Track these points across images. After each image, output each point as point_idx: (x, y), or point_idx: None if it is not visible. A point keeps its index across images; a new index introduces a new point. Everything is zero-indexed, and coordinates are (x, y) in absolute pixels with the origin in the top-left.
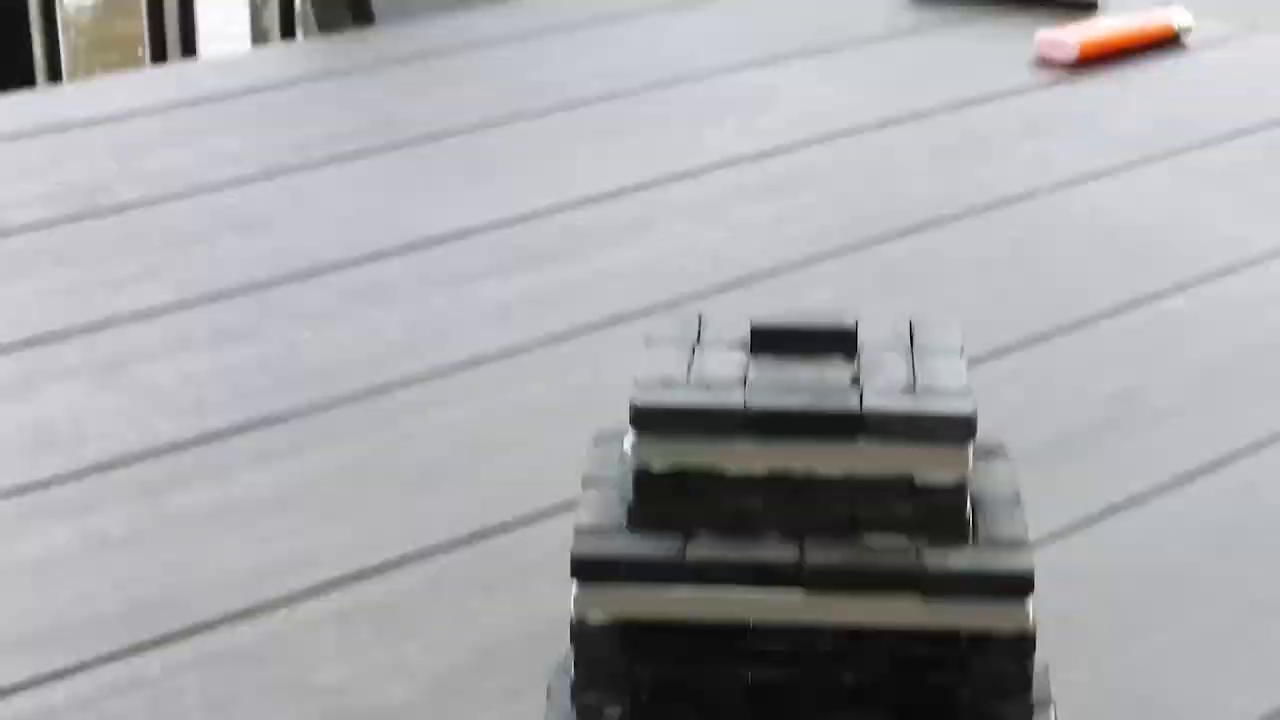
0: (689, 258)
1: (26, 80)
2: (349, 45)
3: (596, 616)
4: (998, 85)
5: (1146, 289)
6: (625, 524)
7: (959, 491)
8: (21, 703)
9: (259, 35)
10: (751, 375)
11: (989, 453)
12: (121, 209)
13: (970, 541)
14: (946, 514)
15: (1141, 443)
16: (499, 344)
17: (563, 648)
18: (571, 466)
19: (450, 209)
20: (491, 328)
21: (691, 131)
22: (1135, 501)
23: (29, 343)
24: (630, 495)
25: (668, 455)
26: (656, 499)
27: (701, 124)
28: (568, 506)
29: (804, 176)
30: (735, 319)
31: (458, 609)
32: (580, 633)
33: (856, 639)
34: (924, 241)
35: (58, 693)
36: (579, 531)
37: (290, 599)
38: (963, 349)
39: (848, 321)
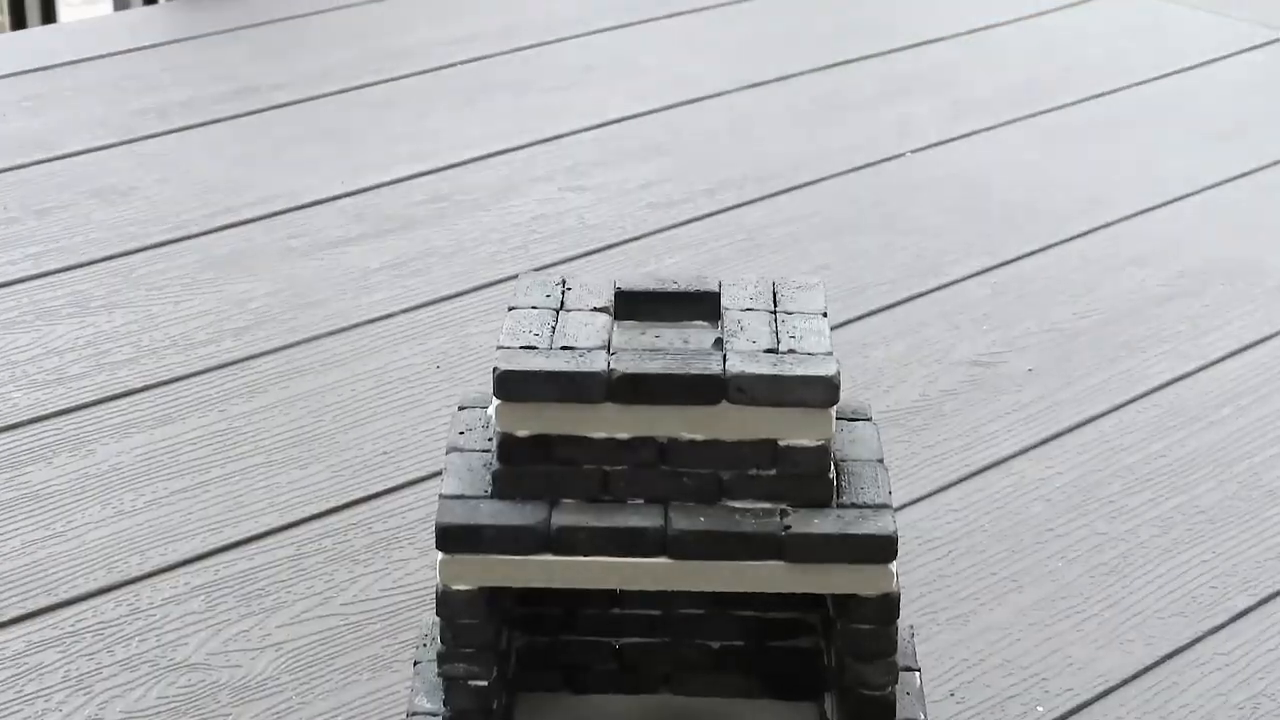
0: (552, 222)
1: None
2: (210, 9)
3: (462, 586)
4: (858, 49)
5: (1007, 251)
6: (490, 492)
7: (822, 454)
8: None
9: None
10: (615, 339)
11: (852, 415)
12: None
13: (834, 505)
14: (810, 477)
15: (1003, 404)
16: (362, 311)
17: (429, 618)
18: (436, 434)
19: (313, 175)
20: (354, 295)
21: (554, 96)
22: (997, 463)
23: None
24: (494, 462)
25: (532, 421)
26: (521, 466)
27: (564, 88)
28: (432, 474)
29: (667, 140)
30: (599, 283)
31: (322, 581)
32: (446, 602)
33: (722, 604)
34: (787, 204)
35: None
36: (443, 500)
37: (153, 573)
38: (825, 312)
39: (711, 285)
